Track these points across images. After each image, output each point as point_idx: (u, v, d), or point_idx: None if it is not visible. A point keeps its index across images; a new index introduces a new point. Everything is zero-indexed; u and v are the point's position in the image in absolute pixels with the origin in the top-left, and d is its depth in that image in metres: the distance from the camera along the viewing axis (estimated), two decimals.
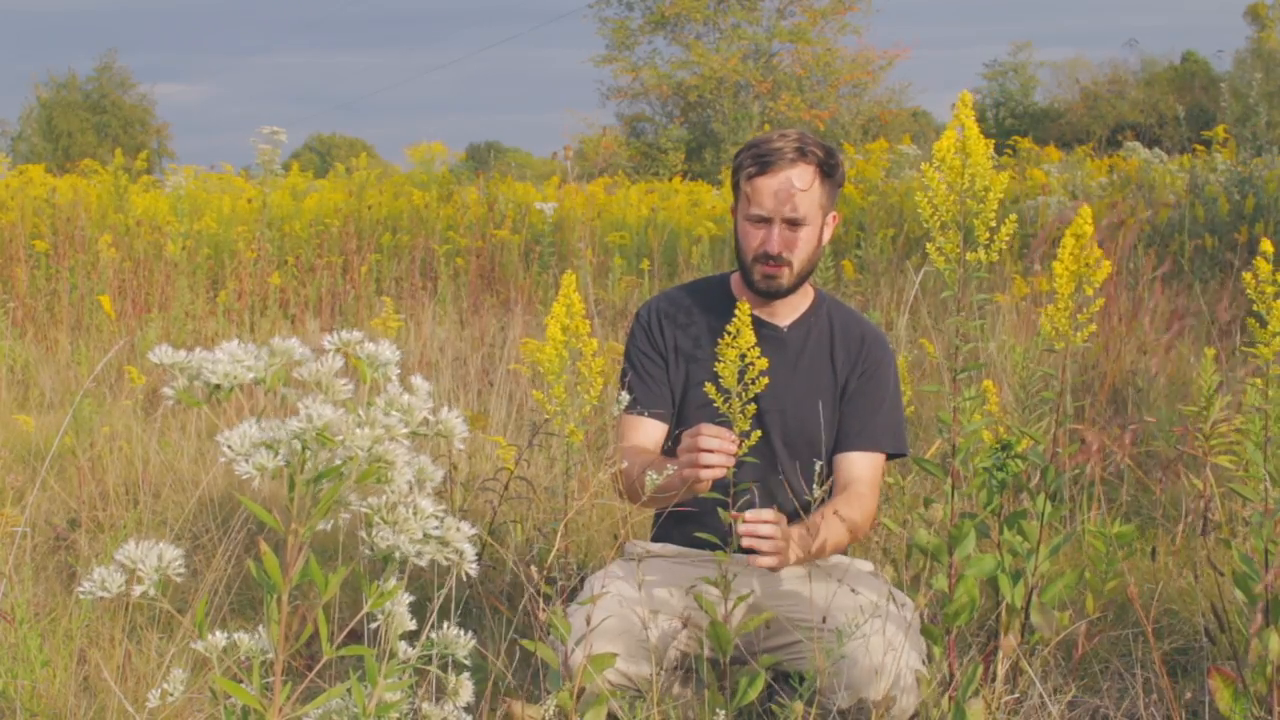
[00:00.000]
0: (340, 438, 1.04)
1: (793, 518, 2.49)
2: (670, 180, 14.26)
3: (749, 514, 2.19)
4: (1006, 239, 2.05)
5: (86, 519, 3.71)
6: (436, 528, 1.12)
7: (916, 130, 25.69)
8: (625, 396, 2.22)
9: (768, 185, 2.45)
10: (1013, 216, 2.09)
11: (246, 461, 1.04)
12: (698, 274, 7.87)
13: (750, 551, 2.47)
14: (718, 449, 2.17)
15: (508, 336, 6.29)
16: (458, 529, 1.13)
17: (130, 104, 36.58)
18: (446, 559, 1.13)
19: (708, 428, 2.20)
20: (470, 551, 1.14)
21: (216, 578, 2.89)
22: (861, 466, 2.51)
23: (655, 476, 2.08)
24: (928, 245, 2.11)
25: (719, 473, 2.18)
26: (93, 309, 6.98)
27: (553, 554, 2.16)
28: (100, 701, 2.39)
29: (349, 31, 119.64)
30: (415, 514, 1.10)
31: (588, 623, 2.18)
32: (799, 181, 2.44)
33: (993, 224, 2.07)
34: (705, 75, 25.55)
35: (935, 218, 2.08)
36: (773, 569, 2.24)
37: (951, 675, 2.18)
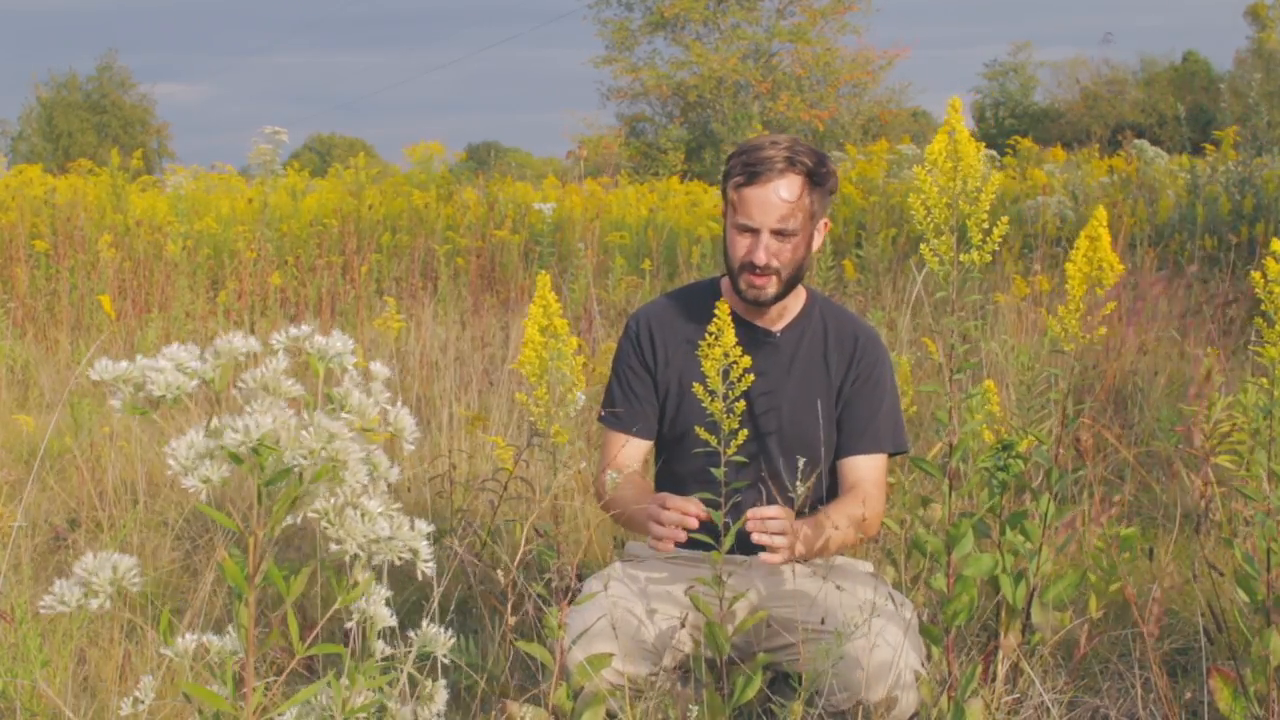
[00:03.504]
0: (282, 445, 1.03)
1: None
2: (669, 180, 14.26)
3: (752, 512, 2.23)
4: (999, 239, 2.06)
5: (86, 519, 3.71)
6: (384, 528, 1.10)
7: (916, 130, 25.71)
8: (613, 396, 2.24)
9: (755, 196, 2.43)
10: (1004, 218, 2.09)
11: (192, 474, 1.03)
12: (698, 274, 7.87)
13: (754, 549, 2.47)
14: (674, 522, 2.24)
15: (509, 336, 6.29)
16: (411, 527, 1.12)
17: (130, 104, 36.60)
18: (400, 558, 1.11)
19: (672, 500, 2.27)
20: (425, 550, 1.13)
21: (215, 577, 2.89)
22: (867, 468, 2.52)
23: (615, 476, 2.14)
24: (922, 247, 2.11)
25: (668, 547, 2.26)
26: (93, 309, 6.97)
27: (520, 552, 2.16)
28: (100, 702, 2.39)
29: (349, 31, 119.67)
30: (364, 516, 1.09)
31: (573, 623, 2.18)
32: (787, 193, 2.42)
33: (985, 225, 2.07)
34: (705, 75, 25.54)
35: (928, 220, 2.08)
36: (779, 564, 2.26)
37: (951, 675, 2.17)
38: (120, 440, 4.37)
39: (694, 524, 2.24)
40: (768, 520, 2.22)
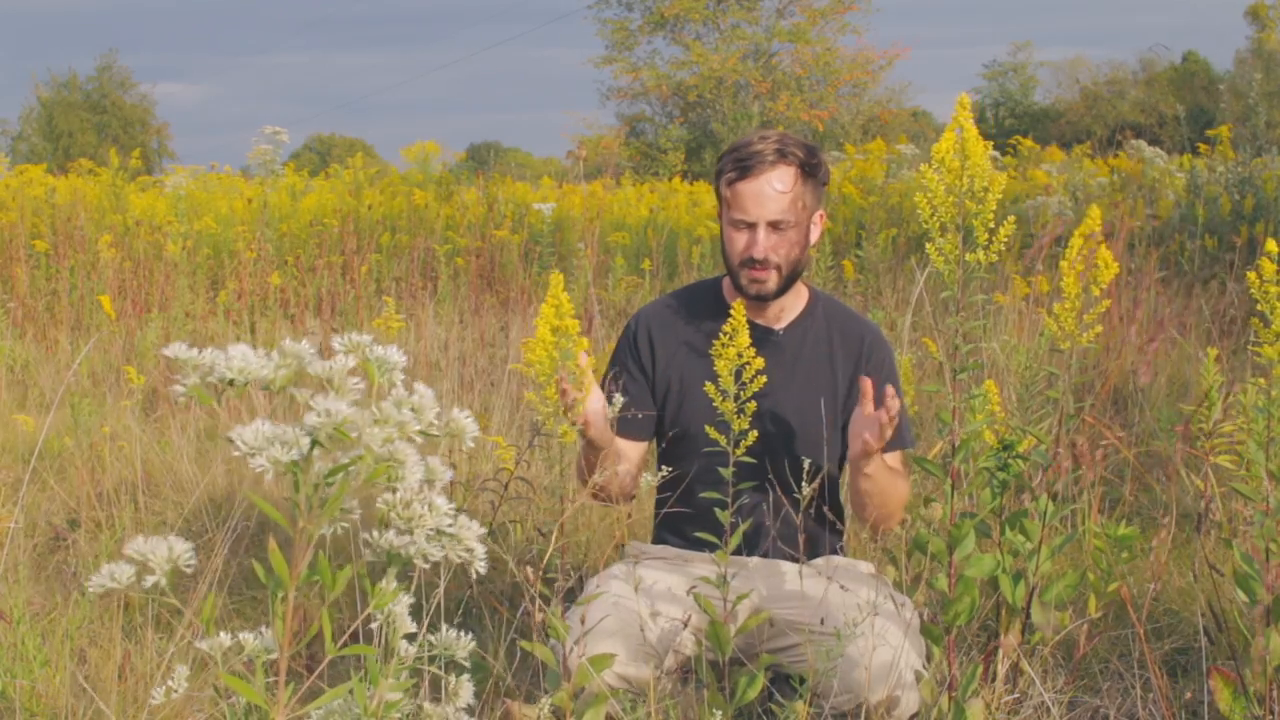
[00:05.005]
0: (355, 434, 1.05)
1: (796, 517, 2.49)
2: (670, 180, 14.26)
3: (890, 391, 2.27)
4: (1005, 240, 2.05)
5: (86, 519, 3.71)
6: (450, 525, 1.12)
7: (916, 130, 25.72)
8: (619, 398, 2.23)
9: (749, 189, 2.43)
10: (1011, 218, 2.08)
11: (260, 456, 1.05)
12: (698, 274, 7.88)
13: (752, 550, 2.47)
14: (570, 388, 2.22)
15: (509, 336, 6.29)
16: (469, 527, 1.14)
17: (130, 104, 36.63)
18: (458, 556, 1.13)
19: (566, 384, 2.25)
20: (480, 550, 1.15)
21: (214, 578, 2.89)
22: (891, 464, 2.53)
23: (650, 479, 2.12)
24: (927, 246, 2.10)
25: (582, 410, 2.19)
26: (93, 309, 6.98)
27: (549, 554, 2.16)
28: (99, 702, 2.39)
29: (349, 31, 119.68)
30: (431, 510, 1.11)
31: (583, 623, 2.18)
32: (780, 184, 2.43)
33: (991, 225, 2.07)
34: (704, 75, 25.54)
35: (934, 219, 2.08)
36: (871, 448, 2.31)
37: (952, 675, 2.17)
38: (120, 440, 4.37)
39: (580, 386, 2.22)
40: (893, 403, 2.25)
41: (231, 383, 1.08)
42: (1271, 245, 2.10)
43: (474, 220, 8.70)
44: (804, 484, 2.25)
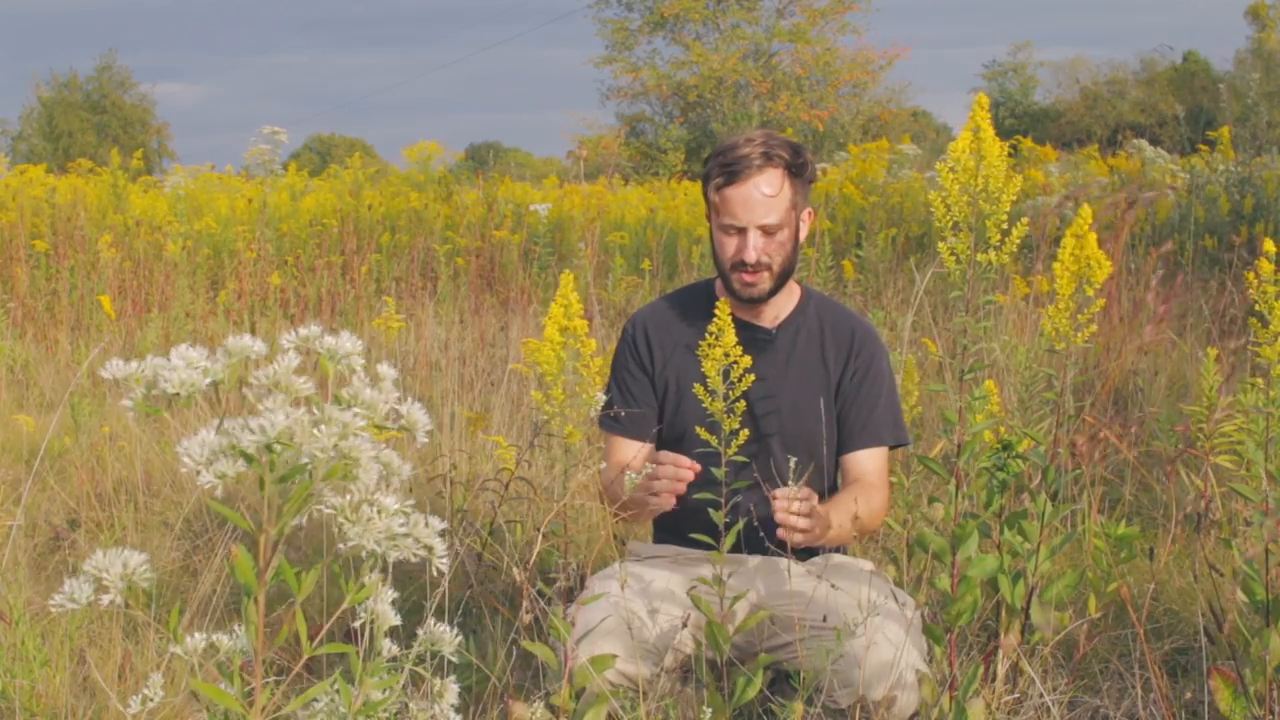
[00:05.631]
0: (298, 441, 1.03)
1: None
2: (670, 181, 14.25)
3: (780, 493, 2.22)
4: (1018, 240, 2.05)
5: (86, 519, 3.71)
6: (403, 525, 1.10)
7: (916, 130, 25.72)
8: (601, 397, 2.24)
9: (737, 195, 2.43)
10: (1024, 219, 2.08)
11: (207, 470, 1.03)
12: (698, 274, 7.87)
13: (756, 548, 2.47)
14: (669, 476, 2.26)
15: (509, 336, 6.29)
16: (426, 524, 1.12)
17: (130, 104, 36.62)
18: (416, 555, 1.11)
19: (665, 456, 2.28)
20: (440, 547, 1.13)
21: (215, 577, 2.89)
22: (868, 462, 2.53)
23: (634, 476, 2.13)
24: (939, 245, 2.10)
25: (667, 501, 2.27)
26: (93, 309, 6.98)
27: (535, 552, 2.16)
28: (99, 702, 2.39)
29: (349, 31, 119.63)
30: (380, 512, 1.09)
31: (577, 623, 2.18)
32: (768, 187, 2.43)
33: (1005, 226, 2.06)
34: (704, 75, 25.53)
35: (948, 218, 2.08)
36: (798, 544, 2.26)
37: (952, 675, 2.17)
38: (120, 440, 4.37)
39: (689, 476, 2.25)
40: (794, 501, 2.21)
41: (176, 395, 1.06)
42: (1269, 245, 2.10)
43: (474, 220, 8.70)
44: (800, 482, 2.24)
